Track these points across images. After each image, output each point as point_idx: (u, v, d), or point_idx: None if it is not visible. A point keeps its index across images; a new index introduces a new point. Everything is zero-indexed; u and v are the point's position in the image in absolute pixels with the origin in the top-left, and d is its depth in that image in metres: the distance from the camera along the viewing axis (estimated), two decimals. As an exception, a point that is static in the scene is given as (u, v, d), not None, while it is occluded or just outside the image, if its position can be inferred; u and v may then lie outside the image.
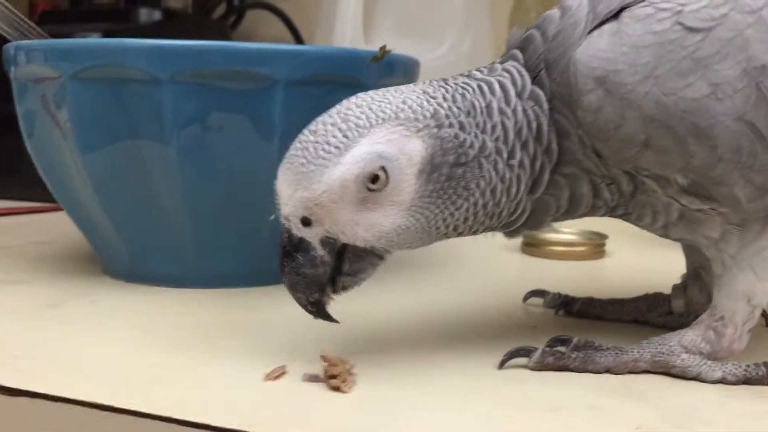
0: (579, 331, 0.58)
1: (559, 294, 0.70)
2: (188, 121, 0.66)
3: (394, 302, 0.72)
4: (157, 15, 1.33)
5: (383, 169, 0.50)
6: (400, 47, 0.76)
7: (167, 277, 0.74)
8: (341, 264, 0.52)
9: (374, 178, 0.50)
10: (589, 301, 0.69)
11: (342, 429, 0.46)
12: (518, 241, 0.97)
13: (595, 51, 0.51)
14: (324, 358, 0.52)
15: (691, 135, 0.49)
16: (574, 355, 0.55)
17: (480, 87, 0.54)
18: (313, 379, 0.52)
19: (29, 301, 0.69)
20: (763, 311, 0.66)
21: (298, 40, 1.54)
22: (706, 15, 0.50)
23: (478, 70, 0.56)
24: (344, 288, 0.53)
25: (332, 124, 0.51)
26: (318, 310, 0.53)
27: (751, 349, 0.56)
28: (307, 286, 0.52)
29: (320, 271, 0.51)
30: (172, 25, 1.34)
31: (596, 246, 0.96)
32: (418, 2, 1.33)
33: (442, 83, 0.54)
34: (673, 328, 0.60)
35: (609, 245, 0.97)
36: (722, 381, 0.54)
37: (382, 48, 0.72)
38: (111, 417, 0.47)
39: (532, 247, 0.97)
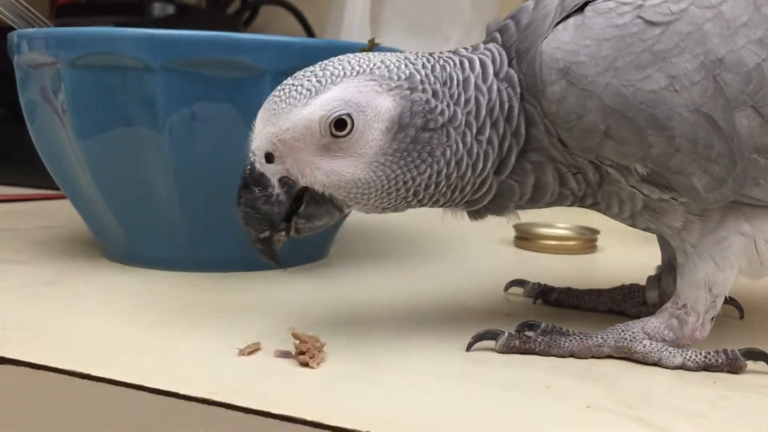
0: (552, 320, 0.60)
1: (538, 284, 0.72)
2: (179, 108, 0.69)
3: (379, 288, 0.74)
4: (170, 9, 1.36)
5: (349, 116, 0.52)
6: (406, 45, 0.78)
7: (162, 261, 0.77)
8: (298, 206, 0.54)
9: (339, 124, 0.52)
10: (567, 291, 0.70)
11: (304, 401, 0.48)
12: (511, 234, 0.99)
13: (559, 43, 0.52)
14: (294, 336, 0.54)
15: (650, 126, 0.51)
16: (539, 339, 0.57)
17: (461, 62, 0.56)
18: (285, 355, 0.54)
19: (26, 279, 0.72)
20: (736, 302, 0.67)
21: (311, 36, 1.57)
22: (665, 9, 0.51)
23: (464, 48, 0.59)
24: (297, 230, 0.55)
25: (311, 72, 0.54)
26: (265, 248, 0.55)
27: (714, 338, 0.57)
28: (258, 222, 0.54)
29: (274, 210, 0.54)
30: (185, 19, 1.37)
31: (588, 241, 0.98)
32: (425, 0, 1.35)
33: (426, 54, 0.57)
34: (647, 319, 0.62)
35: (601, 240, 0.98)
36: (682, 367, 0.55)
37: (371, 41, 0.74)
38: (87, 385, 0.50)
39: (525, 241, 0.98)
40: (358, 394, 0.49)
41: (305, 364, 0.53)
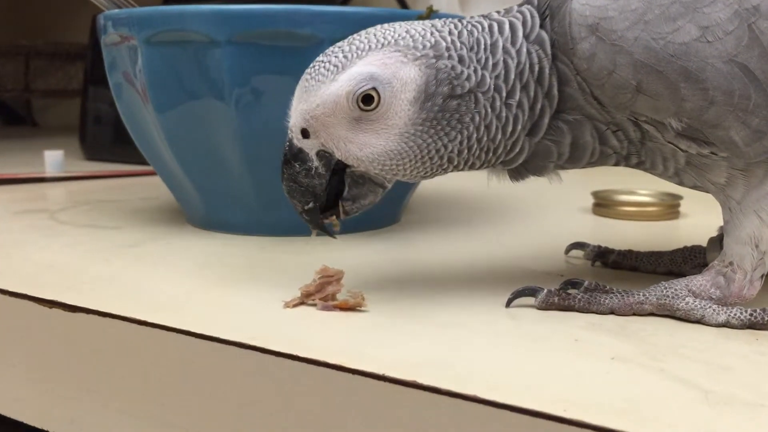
0: (611, 281, 0.59)
1: (598, 246, 0.71)
2: (244, 80, 0.73)
3: (445, 253, 0.75)
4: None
5: (375, 90, 0.54)
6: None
7: (237, 226, 0.82)
8: (342, 189, 0.57)
9: (367, 99, 0.54)
10: (626, 253, 0.69)
11: (329, 346, 0.50)
12: (590, 202, 0.98)
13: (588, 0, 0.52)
14: (321, 272, 0.58)
15: (682, 78, 0.50)
16: (579, 296, 0.57)
17: (490, 26, 0.56)
18: (327, 308, 0.57)
19: (113, 241, 0.79)
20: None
21: (404, 8, 1.59)
22: (698, -43, 0.50)
23: (497, 11, 0.59)
24: (346, 212, 0.58)
25: (339, 47, 0.56)
26: (312, 218, 0.58)
27: (761, 296, 0.56)
28: (302, 194, 0.57)
29: (315, 182, 0.56)
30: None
31: (670, 206, 0.95)
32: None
33: (456, 20, 0.57)
34: (707, 281, 0.61)
35: (684, 206, 0.96)
36: (726, 324, 0.54)
37: (429, 8, 0.76)
38: (149, 331, 0.55)
39: (603, 208, 0.97)
40: (387, 342, 0.51)
41: (329, 301, 0.57)
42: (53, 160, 1.26)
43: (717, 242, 0.66)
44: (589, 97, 0.54)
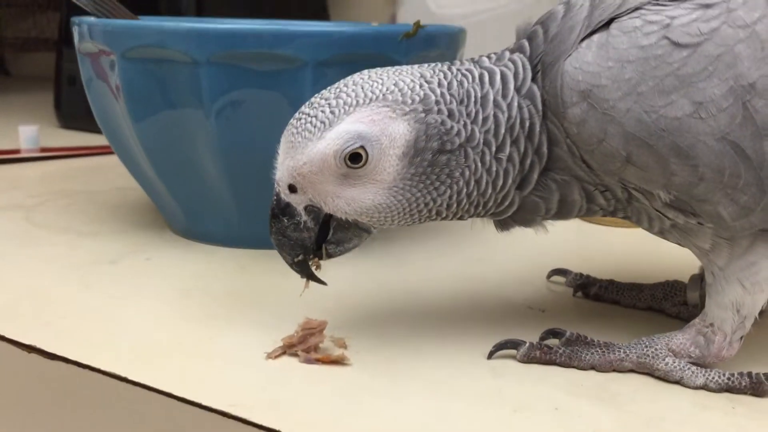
0: (591, 317, 0.60)
1: (580, 274, 0.71)
2: (224, 99, 0.70)
3: (426, 271, 0.75)
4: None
5: (363, 149, 0.52)
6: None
7: (218, 238, 0.81)
8: (327, 232, 0.56)
9: (354, 157, 0.53)
10: (607, 286, 0.69)
11: (310, 417, 0.50)
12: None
13: (581, 64, 0.50)
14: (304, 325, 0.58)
15: (672, 154, 0.49)
16: (561, 351, 0.57)
17: (481, 76, 0.55)
18: (310, 361, 0.57)
19: (92, 256, 0.77)
20: None
21: None
22: (695, 30, 0.48)
23: (487, 56, 0.57)
24: (329, 255, 0.57)
25: (325, 99, 0.54)
26: (302, 270, 0.57)
27: (739, 358, 0.56)
28: (291, 247, 0.56)
29: (304, 236, 0.55)
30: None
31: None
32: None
33: (444, 68, 0.56)
34: (686, 320, 0.61)
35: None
36: (704, 387, 0.55)
37: (416, 24, 0.73)
38: (129, 388, 0.54)
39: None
40: (369, 409, 0.51)
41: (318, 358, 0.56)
42: (28, 135, 1.23)
43: (698, 280, 0.66)
44: (578, 160, 0.53)
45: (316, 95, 0.55)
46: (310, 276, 0.58)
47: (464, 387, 0.54)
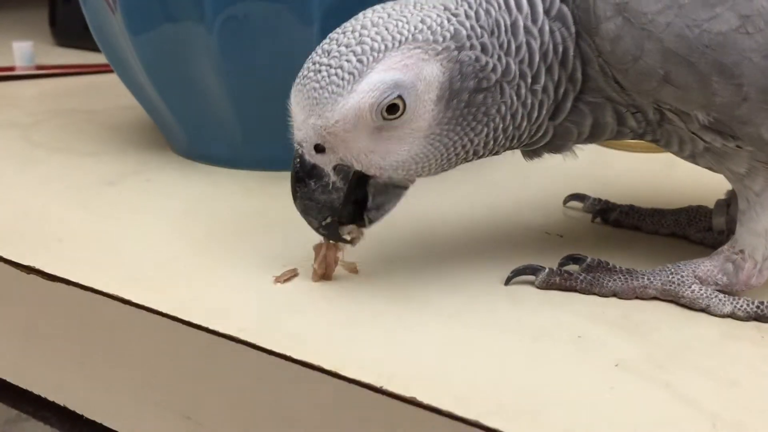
0: (610, 243, 0.57)
1: (598, 200, 0.68)
2: (227, 12, 0.67)
3: (431, 196, 0.72)
4: None
5: (400, 98, 0.48)
6: None
7: (221, 159, 0.78)
8: (365, 199, 0.52)
9: (391, 108, 0.48)
10: (627, 211, 0.67)
11: (322, 346, 0.49)
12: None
13: (617, -28, 0.47)
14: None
15: (715, 72, 0.46)
16: (581, 277, 0.55)
17: (507, 2, 0.51)
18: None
19: (91, 177, 0.75)
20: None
21: None
22: (744, -66, 0.44)
23: None
24: (371, 222, 0.53)
25: (346, 46, 0.49)
26: (331, 233, 0.53)
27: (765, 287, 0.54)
28: (319, 211, 0.52)
29: (333, 197, 0.51)
30: None
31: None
32: None
33: None
34: (711, 246, 0.59)
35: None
36: (731, 316, 0.52)
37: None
38: (132, 310, 0.52)
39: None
40: (377, 342, 0.49)
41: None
42: (23, 52, 1.18)
43: (724, 206, 0.64)
44: (610, 80, 0.50)
45: (327, 41, 0.50)
46: (340, 238, 0.54)
47: (481, 315, 0.52)
